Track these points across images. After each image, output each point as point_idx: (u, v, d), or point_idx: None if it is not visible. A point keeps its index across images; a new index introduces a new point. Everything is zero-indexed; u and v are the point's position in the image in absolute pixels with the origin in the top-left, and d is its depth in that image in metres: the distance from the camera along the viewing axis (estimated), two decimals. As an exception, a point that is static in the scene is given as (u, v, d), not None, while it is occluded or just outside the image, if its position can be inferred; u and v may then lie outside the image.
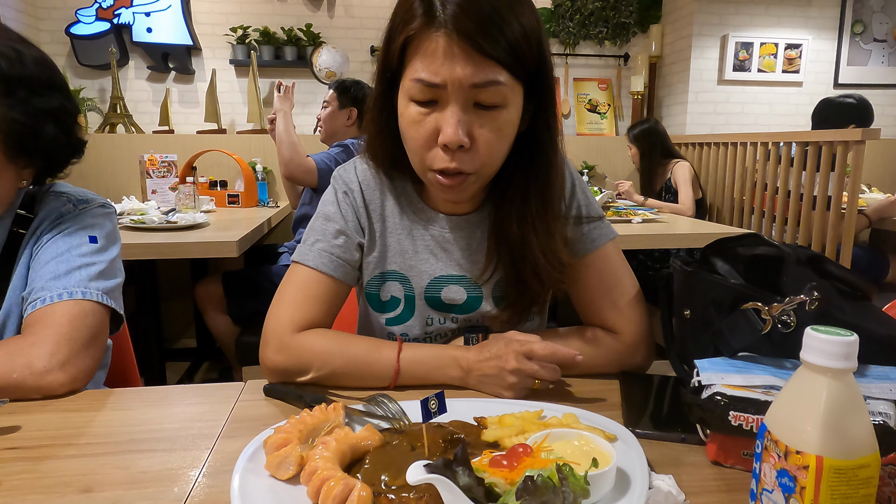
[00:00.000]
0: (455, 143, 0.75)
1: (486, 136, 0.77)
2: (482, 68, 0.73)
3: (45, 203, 0.96)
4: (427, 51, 0.74)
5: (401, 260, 0.93)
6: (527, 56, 0.75)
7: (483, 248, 0.92)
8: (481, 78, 0.73)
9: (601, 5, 3.85)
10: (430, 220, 0.93)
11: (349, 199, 0.92)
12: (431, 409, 0.60)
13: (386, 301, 0.94)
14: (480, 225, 0.93)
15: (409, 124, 0.79)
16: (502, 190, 0.88)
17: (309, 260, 0.88)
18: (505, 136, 0.79)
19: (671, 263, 0.82)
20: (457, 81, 0.73)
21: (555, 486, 0.47)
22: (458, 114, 0.75)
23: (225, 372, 3.03)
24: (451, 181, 0.80)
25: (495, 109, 0.76)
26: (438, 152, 0.78)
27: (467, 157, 0.78)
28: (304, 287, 0.87)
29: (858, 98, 2.91)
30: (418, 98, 0.76)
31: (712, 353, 0.71)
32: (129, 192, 3.11)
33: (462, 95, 0.74)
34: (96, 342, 0.87)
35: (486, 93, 0.74)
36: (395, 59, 0.78)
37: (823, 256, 0.76)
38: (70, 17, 3.40)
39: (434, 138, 0.77)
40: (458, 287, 0.92)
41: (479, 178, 0.81)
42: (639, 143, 3.31)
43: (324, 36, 3.64)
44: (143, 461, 0.63)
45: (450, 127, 0.75)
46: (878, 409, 0.56)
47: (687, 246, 2.34)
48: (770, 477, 0.46)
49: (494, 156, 0.80)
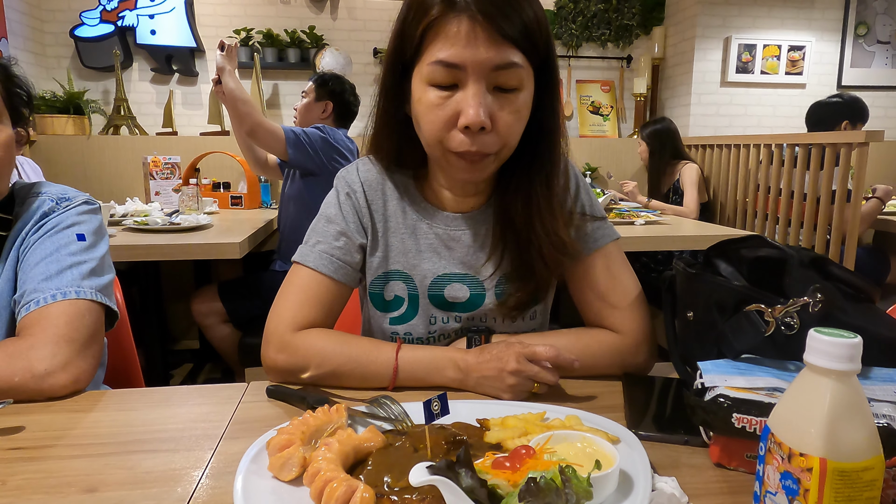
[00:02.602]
0: (477, 125, 0.76)
1: (505, 118, 0.78)
2: (503, 50, 0.75)
3: (24, 204, 0.95)
4: (449, 33, 0.75)
5: (404, 259, 0.93)
6: (539, 41, 0.78)
7: (487, 245, 0.92)
8: (502, 59, 0.75)
9: (604, 7, 3.85)
10: (433, 217, 0.94)
11: (351, 200, 0.93)
12: (434, 410, 0.60)
13: (389, 301, 0.94)
14: (485, 222, 0.93)
15: (427, 108, 0.79)
16: (508, 179, 0.89)
17: (309, 261, 0.89)
18: (522, 119, 0.81)
19: (674, 265, 0.82)
20: (479, 63, 0.75)
21: (558, 487, 0.47)
22: (480, 95, 0.76)
23: (227, 373, 3.03)
24: (471, 162, 0.81)
25: (513, 92, 0.78)
26: (458, 135, 0.78)
27: (488, 139, 0.79)
28: (304, 288, 0.88)
29: (848, 96, 2.94)
30: (438, 81, 0.77)
31: (715, 355, 0.71)
32: (133, 193, 3.12)
33: (483, 77, 0.76)
34: (95, 341, 0.87)
35: (505, 75, 0.76)
36: (411, 48, 0.79)
37: (827, 258, 0.76)
38: (74, 19, 3.42)
39: (454, 121, 0.78)
40: (461, 285, 0.92)
41: (497, 159, 0.83)
42: (650, 142, 3.30)
43: (327, 38, 3.65)
44: (146, 462, 0.64)
45: (472, 108, 0.75)
46: (882, 412, 0.56)
47: (690, 248, 2.34)
48: (773, 479, 0.46)
49: (512, 137, 0.81)
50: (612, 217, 2.59)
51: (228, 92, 2.15)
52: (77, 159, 3.27)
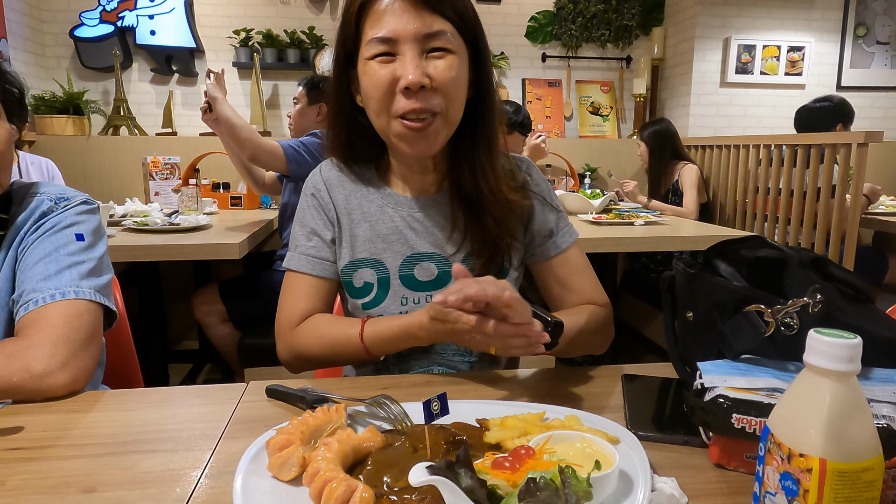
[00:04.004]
0: (416, 84, 0.83)
1: (442, 73, 0.85)
2: (430, 19, 0.83)
3: (22, 203, 0.95)
4: (380, 12, 0.84)
5: (371, 246, 0.98)
6: (466, 16, 0.87)
7: (449, 225, 0.98)
8: (430, 27, 0.83)
9: (603, 8, 3.85)
10: (398, 203, 0.99)
11: (316, 199, 1.01)
12: (434, 410, 0.60)
13: (359, 287, 0.99)
14: (447, 203, 0.99)
15: (370, 80, 0.86)
16: (456, 153, 0.96)
17: (292, 265, 0.99)
18: (460, 78, 0.88)
19: (674, 265, 0.82)
20: (410, 33, 0.83)
21: (557, 488, 0.47)
22: (415, 59, 0.83)
23: (227, 374, 3.03)
24: (419, 125, 0.86)
25: (446, 52, 0.85)
26: (401, 98, 0.85)
27: (430, 96, 0.85)
28: (294, 289, 0.98)
29: (836, 98, 2.93)
30: (376, 53, 0.85)
31: (715, 356, 0.71)
32: (133, 194, 3.12)
33: (416, 45, 0.83)
34: (93, 341, 0.87)
35: (436, 40, 0.84)
36: (351, 34, 0.88)
37: (827, 259, 0.76)
38: (74, 19, 3.41)
39: (394, 87, 0.85)
40: (429, 264, 0.98)
41: (445, 122, 0.88)
42: (649, 143, 3.31)
43: (326, 38, 3.65)
44: (145, 462, 0.64)
45: (408, 70, 0.83)
46: (882, 412, 0.56)
47: (690, 248, 2.33)
48: (773, 480, 0.46)
49: (453, 95, 0.87)
50: (611, 217, 2.60)
51: (225, 119, 2.10)
52: (77, 159, 3.27)
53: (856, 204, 2.47)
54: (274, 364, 2.19)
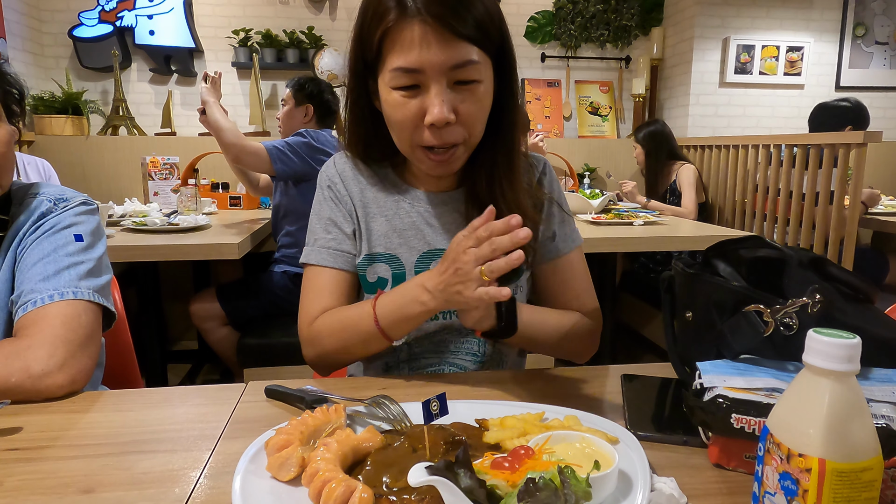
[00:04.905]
0: (442, 121, 0.81)
1: (467, 108, 0.83)
2: (457, 50, 0.79)
3: (22, 204, 0.95)
4: (405, 41, 0.79)
5: (386, 241, 0.97)
6: (492, 32, 0.82)
7: (465, 222, 0.95)
8: (458, 59, 0.79)
9: (602, 8, 3.85)
10: (415, 198, 0.99)
11: (332, 192, 0.99)
12: (433, 410, 0.60)
13: (373, 282, 0.98)
14: (462, 201, 0.98)
15: (393, 109, 0.84)
16: (474, 159, 0.93)
17: (311, 259, 0.97)
18: (484, 108, 0.86)
19: (673, 265, 0.82)
20: (436, 65, 0.79)
21: (556, 488, 0.47)
22: (441, 94, 0.81)
23: (226, 374, 3.03)
24: (441, 157, 0.86)
25: (473, 84, 0.82)
26: (425, 131, 0.84)
27: (453, 130, 0.84)
28: (314, 284, 0.96)
29: (854, 101, 2.92)
30: (401, 85, 0.82)
31: (714, 356, 0.71)
32: (132, 194, 3.11)
33: (443, 76, 0.80)
34: (92, 342, 0.87)
35: (463, 72, 0.81)
36: (371, 53, 0.84)
37: (826, 259, 0.76)
38: (73, 19, 3.41)
39: (420, 119, 0.83)
40: None
41: (465, 148, 0.88)
42: (644, 144, 3.31)
43: (325, 38, 3.65)
44: (144, 462, 0.63)
45: (436, 107, 0.80)
46: (881, 412, 0.56)
47: (689, 248, 2.34)
48: (772, 480, 0.46)
49: (477, 126, 0.86)
50: (610, 217, 2.59)
51: (213, 122, 2.20)
52: (75, 159, 3.27)
53: (854, 204, 2.47)
54: (273, 364, 2.20)
